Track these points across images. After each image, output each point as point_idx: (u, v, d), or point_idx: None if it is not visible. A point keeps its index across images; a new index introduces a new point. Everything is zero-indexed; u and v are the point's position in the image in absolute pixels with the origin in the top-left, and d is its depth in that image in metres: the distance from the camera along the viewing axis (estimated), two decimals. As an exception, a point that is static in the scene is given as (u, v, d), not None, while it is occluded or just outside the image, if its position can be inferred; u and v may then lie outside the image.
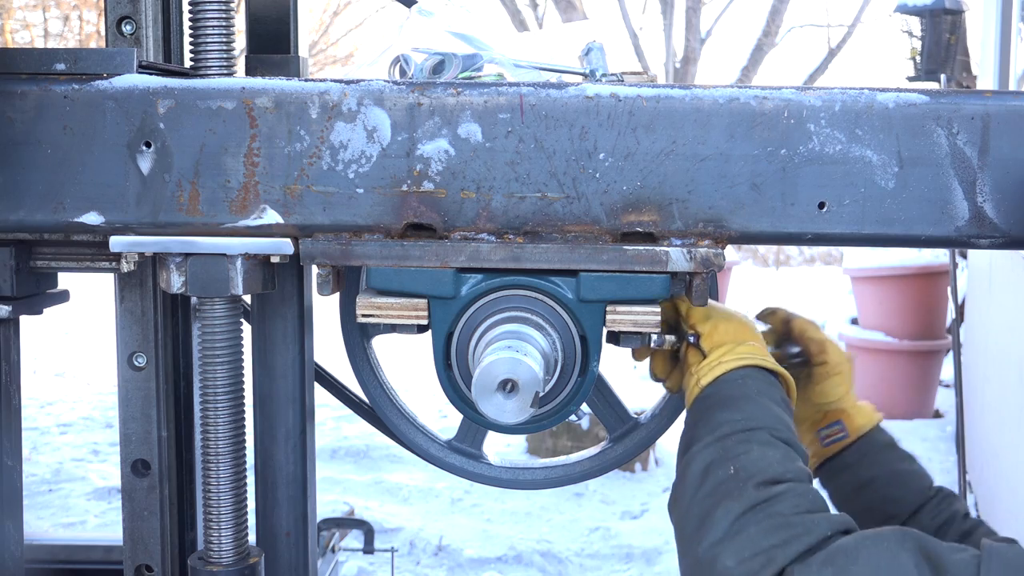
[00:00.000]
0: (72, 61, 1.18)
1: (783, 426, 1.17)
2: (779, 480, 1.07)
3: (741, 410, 1.17)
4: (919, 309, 6.26)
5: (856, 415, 1.40)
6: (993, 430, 4.40)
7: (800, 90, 1.17)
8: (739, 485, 1.07)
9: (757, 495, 1.05)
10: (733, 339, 1.27)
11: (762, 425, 1.14)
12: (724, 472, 1.09)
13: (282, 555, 1.53)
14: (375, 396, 1.47)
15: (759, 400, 1.19)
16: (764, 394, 1.20)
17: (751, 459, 1.10)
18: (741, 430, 1.14)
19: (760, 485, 1.06)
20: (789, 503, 1.04)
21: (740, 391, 1.20)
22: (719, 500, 1.07)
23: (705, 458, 1.13)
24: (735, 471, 1.09)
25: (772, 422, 1.16)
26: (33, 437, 5.96)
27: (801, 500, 1.05)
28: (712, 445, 1.13)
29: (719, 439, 1.14)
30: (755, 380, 1.22)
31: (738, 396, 1.19)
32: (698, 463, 1.13)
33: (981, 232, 1.18)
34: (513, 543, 4.40)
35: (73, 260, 1.31)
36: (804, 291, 12.92)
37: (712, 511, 1.06)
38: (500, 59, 1.37)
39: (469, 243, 1.20)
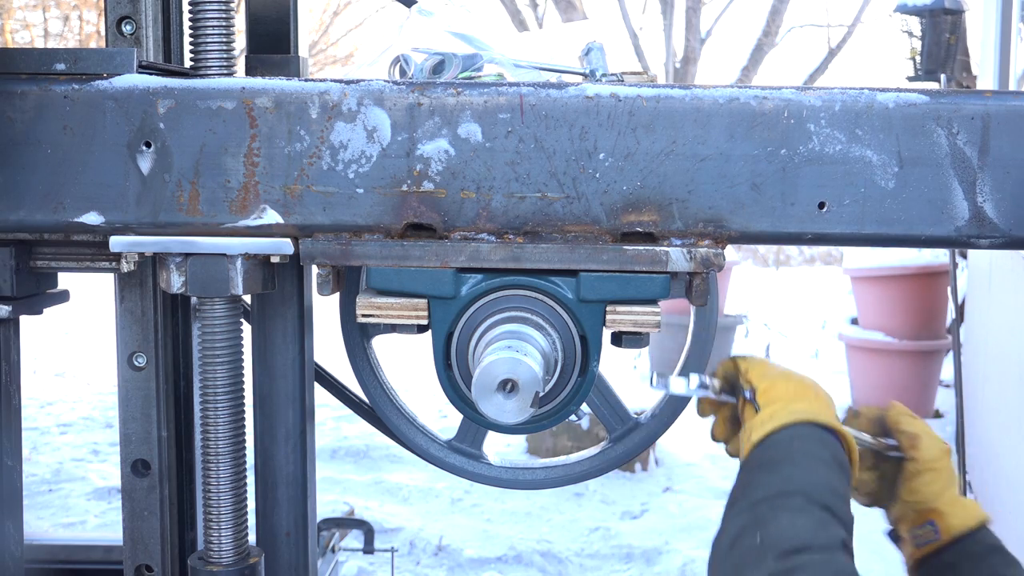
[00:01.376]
0: (72, 61, 1.18)
1: (826, 490, 1.10)
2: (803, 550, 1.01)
3: (779, 472, 1.12)
4: (919, 309, 6.26)
5: (952, 515, 1.29)
6: (993, 430, 4.40)
7: (800, 90, 1.17)
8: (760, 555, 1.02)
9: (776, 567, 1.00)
10: (790, 396, 1.22)
11: (798, 489, 1.09)
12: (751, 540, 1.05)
13: (282, 555, 1.53)
14: (375, 396, 1.47)
15: (804, 462, 1.13)
16: (811, 455, 1.14)
17: (778, 527, 1.05)
18: (776, 495, 1.09)
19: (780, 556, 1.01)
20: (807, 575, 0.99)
21: (785, 452, 1.15)
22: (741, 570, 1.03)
23: (737, 524, 1.09)
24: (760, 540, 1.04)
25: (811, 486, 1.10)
26: (33, 437, 5.96)
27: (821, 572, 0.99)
28: (745, 511, 1.09)
29: (752, 505, 1.09)
30: (804, 440, 1.16)
31: (781, 458, 1.14)
32: (731, 528, 1.09)
33: (981, 232, 1.18)
34: (513, 543, 4.40)
35: (73, 260, 1.31)
36: (804, 291, 12.92)
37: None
38: (500, 59, 1.37)
39: (469, 243, 1.20)
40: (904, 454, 1.33)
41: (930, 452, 1.31)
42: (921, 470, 1.31)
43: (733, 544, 1.07)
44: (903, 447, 1.33)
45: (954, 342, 5.31)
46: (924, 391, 6.42)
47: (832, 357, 7.98)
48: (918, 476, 1.31)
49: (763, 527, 1.05)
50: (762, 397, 1.22)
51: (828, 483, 1.11)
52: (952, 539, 1.29)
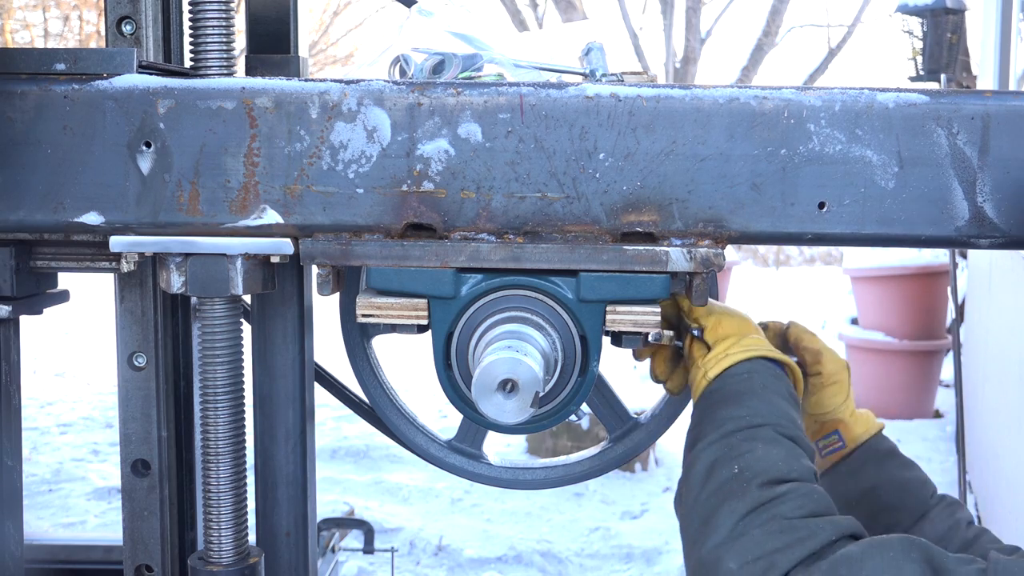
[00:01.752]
0: (72, 61, 1.18)
1: (789, 422, 1.15)
2: (783, 479, 1.06)
3: (746, 406, 1.16)
4: (919, 309, 6.26)
5: (854, 424, 1.38)
6: (993, 430, 4.39)
7: (800, 90, 1.17)
8: (743, 485, 1.06)
9: (761, 495, 1.04)
10: (738, 332, 1.26)
11: (767, 421, 1.13)
12: (728, 471, 1.08)
13: (282, 555, 1.53)
14: (375, 396, 1.47)
15: (765, 395, 1.18)
16: (770, 388, 1.19)
17: (755, 457, 1.09)
18: (746, 427, 1.13)
19: (764, 485, 1.05)
20: (793, 504, 1.03)
21: (746, 386, 1.19)
22: (723, 500, 1.06)
23: (709, 456, 1.12)
24: (739, 470, 1.08)
25: (777, 418, 1.15)
26: (33, 437, 5.96)
27: (806, 501, 1.04)
28: (717, 443, 1.13)
29: (724, 436, 1.13)
30: (761, 374, 1.21)
31: (744, 391, 1.18)
32: (703, 461, 1.12)
33: (981, 232, 1.18)
34: (513, 543, 4.40)
35: (73, 260, 1.31)
36: (804, 291, 12.92)
37: (716, 511, 1.05)
38: (500, 59, 1.36)
39: (469, 243, 1.20)
40: (808, 369, 1.38)
41: (832, 366, 1.38)
42: (825, 383, 1.37)
43: (708, 476, 1.10)
44: (807, 363, 1.39)
45: (954, 342, 5.31)
46: (924, 391, 6.42)
47: (832, 357, 7.97)
48: (822, 389, 1.37)
49: (740, 458, 1.09)
50: (710, 334, 1.27)
51: (790, 415, 1.17)
52: (855, 447, 1.37)
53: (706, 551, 1.03)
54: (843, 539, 1.01)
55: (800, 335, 1.41)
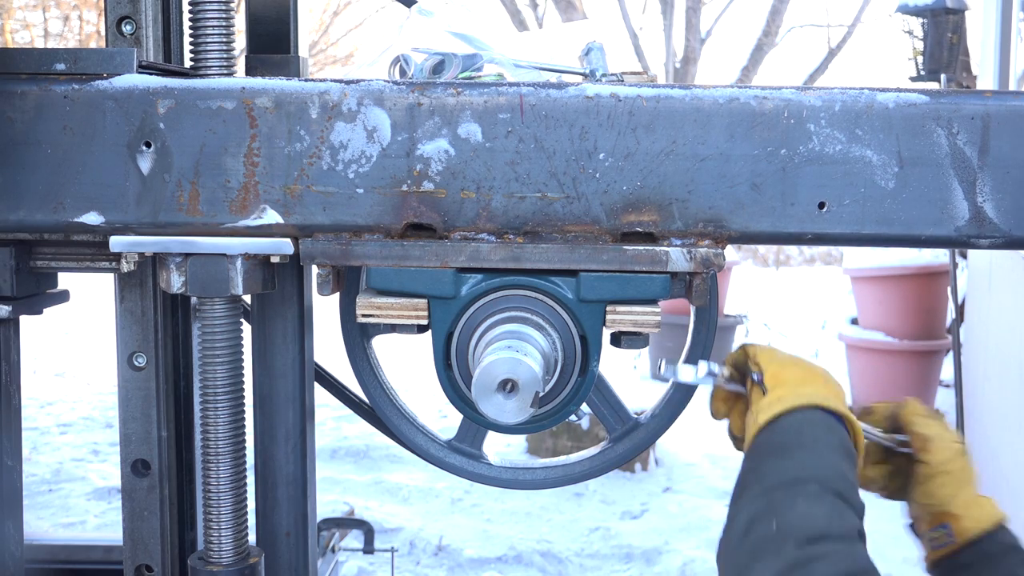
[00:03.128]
0: (72, 61, 1.18)
1: (838, 476, 1.09)
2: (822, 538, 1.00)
3: (793, 458, 1.10)
4: (919, 309, 6.26)
5: (966, 518, 1.26)
6: (993, 430, 4.40)
7: (800, 90, 1.17)
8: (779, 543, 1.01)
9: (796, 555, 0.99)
10: (798, 380, 1.20)
11: (812, 476, 1.07)
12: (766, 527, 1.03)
13: (282, 555, 1.53)
14: (375, 396, 1.47)
15: (816, 448, 1.12)
16: (821, 441, 1.13)
17: (796, 515, 1.03)
18: (790, 482, 1.07)
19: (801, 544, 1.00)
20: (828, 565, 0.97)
21: (795, 438, 1.14)
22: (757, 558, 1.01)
23: (751, 511, 1.07)
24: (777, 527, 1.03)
25: (824, 473, 1.08)
26: (33, 437, 5.96)
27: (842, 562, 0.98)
28: (758, 497, 1.08)
29: (766, 491, 1.08)
30: (813, 425, 1.15)
31: (791, 444, 1.13)
32: (743, 515, 1.07)
33: (981, 232, 1.18)
34: (513, 543, 4.40)
35: (73, 260, 1.31)
36: (804, 291, 12.92)
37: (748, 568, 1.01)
38: (500, 59, 1.36)
39: (469, 243, 1.20)
40: (916, 456, 1.30)
41: (942, 455, 1.28)
42: (934, 473, 1.28)
43: (747, 531, 1.05)
44: (915, 449, 1.30)
45: (954, 342, 5.31)
46: (924, 391, 6.42)
47: (832, 357, 7.98)
48: (931, 479, 1.28)
49: (779, 514, 1.04)
50: (770, 380, 1.21)
51: (839, 470, 1.10)
52: (967, 541, 1.26)
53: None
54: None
55: (912, 418, 1.32)
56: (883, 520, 1.39)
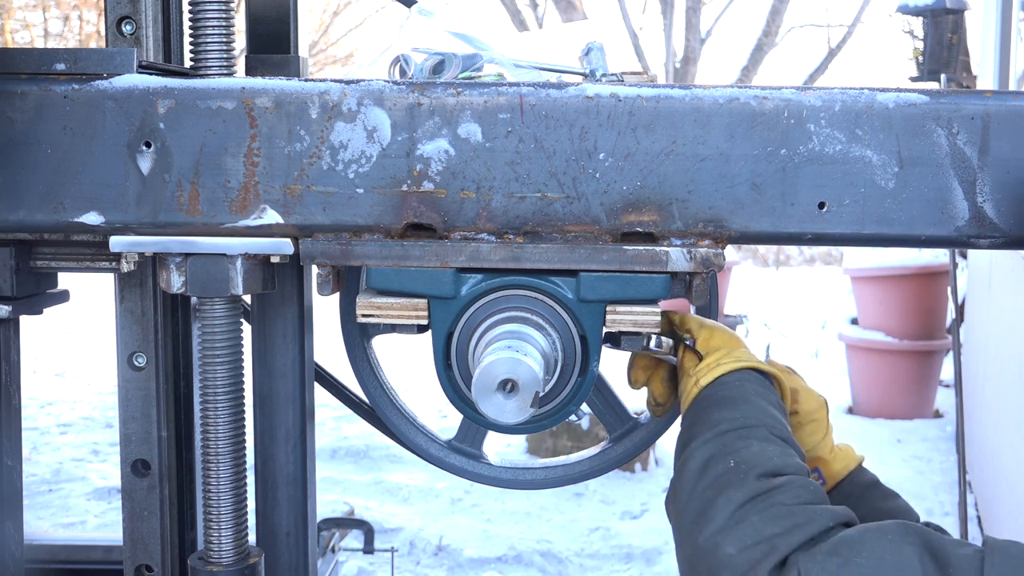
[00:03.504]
0: (72, 61, 1.18)
1: (780, 425, 1.18)
2: (779, 472, 1.08)
3: (739, 409, 1.18)
4: (919, 309, 6.26)
5: (834, 461, 1.38)
6: (993, 430, 4.39)
7: (800, 90, 1.17)
8: (740, 476, 1.08)
9: (758, 485, 1.06)
10: (728, 344, 1.29)
11: (760, 423, 1.16)
12: (724, 465, 1.10)
13: (282, 555, 1.53)
14: (375, 396, 1.47)
15: (756, 401, 1.20)
16: (761, 396, 1.22)
17: (751, 453, 1.11)
18: (740, 427, 1.15)
19: (761, 476, 1.07)
20: (791, 494, 1.05)
21: (738, 392, 1.21)
22: (719, 491, 1.07)
23: (704, 453, 1.13)
24: (735, 464, 1.10)
25: (770, 421, 1.17)
26: (33, 437, 5.96)
27: (802, 491, 1.06)
28: (711, 441, 1.14)
29: (718, 435, 1.15)
30: (752, 383, 1.23)
31: (736, 396, 1.21)
32: (697, 458, 1.14)
33: (981, 232, 1.18)
34: (513, 543, 4.40)
35: (73, 260, 1.31)
36: (804, 291, 12.92)
37: (712, 501, 1.07)
38: (500, 59, 1.36)
39: (469, 243, 1.20)
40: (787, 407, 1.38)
41: (810, 404, 1.37)
42: (803, 422, 1.37)
43: (703, 471, 1.11)
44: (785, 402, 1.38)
45: (954, 342, 5.31)
46: (924, 391, 6.42)
47: (832, 357, 7.98)
48: (801, 428, 1.37)
49: (735, 453, 1.11)
50: (703, 344, 1.29)
51: (780, 420, 1.19)
52: (836, 483, 1.37)
53: (703, 539, 1.04)
54: (840, 526, 1.03)
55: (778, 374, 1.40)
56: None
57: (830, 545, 0.98)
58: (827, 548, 0.98)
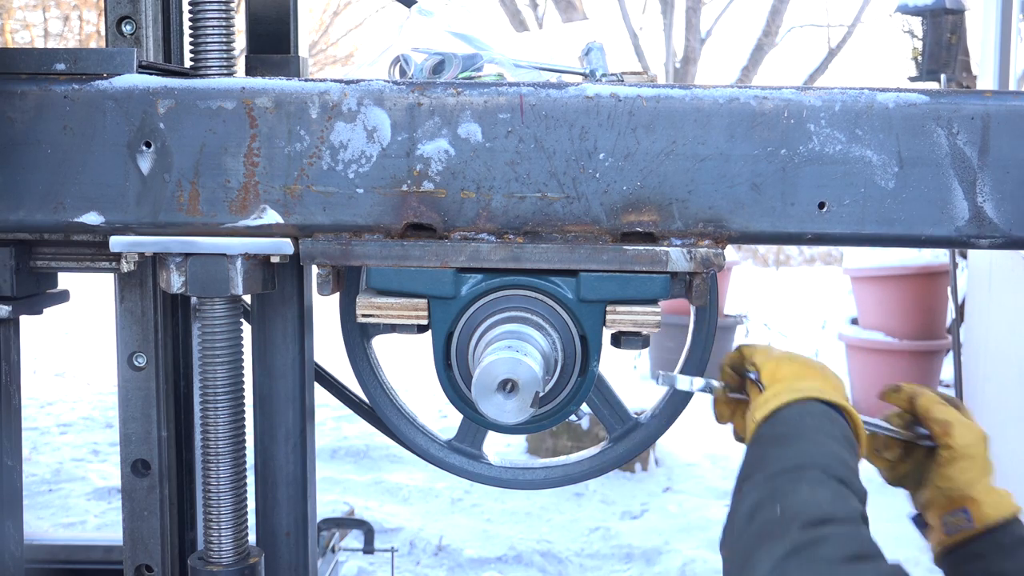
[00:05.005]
0: (72, 61, 1.18)
1: (839, 463, 1.10)
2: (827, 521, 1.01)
3: (794, 447, 1.11)
4: (919, 309, 6.26)
5: (986, 503, 1.27)
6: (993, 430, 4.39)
7: (800, 90, 1.17)
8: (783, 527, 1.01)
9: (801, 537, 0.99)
10: (794, 376, 1.22)
11: (815, 463, 1.08)
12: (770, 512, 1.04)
13: (282, 555, 1.53)
14: (375, 396, 1.47)
15: (816, 437, 1.13)
16: (822, 431, 1.14)
17: (799, 499, 1.04)
18: (792, 468, 1.08)
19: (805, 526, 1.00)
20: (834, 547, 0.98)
21: (796, 428, 1.15)
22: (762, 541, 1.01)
23: (753, 498, 1.08)
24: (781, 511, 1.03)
25: (826, 460, 1.09)
26: (33, 437, 5.96)
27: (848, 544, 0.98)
28: (762, 484, 1.08)
29: (769, 478, 1.09)
30: (813, 417, 1.16)
31: (793, 433, 1.14)
32: (747, 502, 1.08)
33: (981, 232, 1.18)
34: (513, 543, 4.40)
35: (73, 260, 1.31)
36: (804, 291, 12.92)
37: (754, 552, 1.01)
38: (500, 59, 1.36)
39: (469, 243, 1.20)
40: (937, 441, 1.30)
41: (966, 439, 1.29)
42: (956, 457, 1.28)
43: (751, 516, 1.05)
44: (936, 435, 1.30)
45: (954, 342, 5.31)
46: (924, 391, 6.41)
47: (832, 357, 7.98)
48: (953, 463, 1.28)
49: (783, 499, 1.04)
50: (767, 377, 1.22)
51: (840, 457, 1.11)
52: (984, 528, 1.26)
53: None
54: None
55: (929, 404, 1.32)
56: (884, 520, 1.39)
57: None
58: None
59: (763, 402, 1.19)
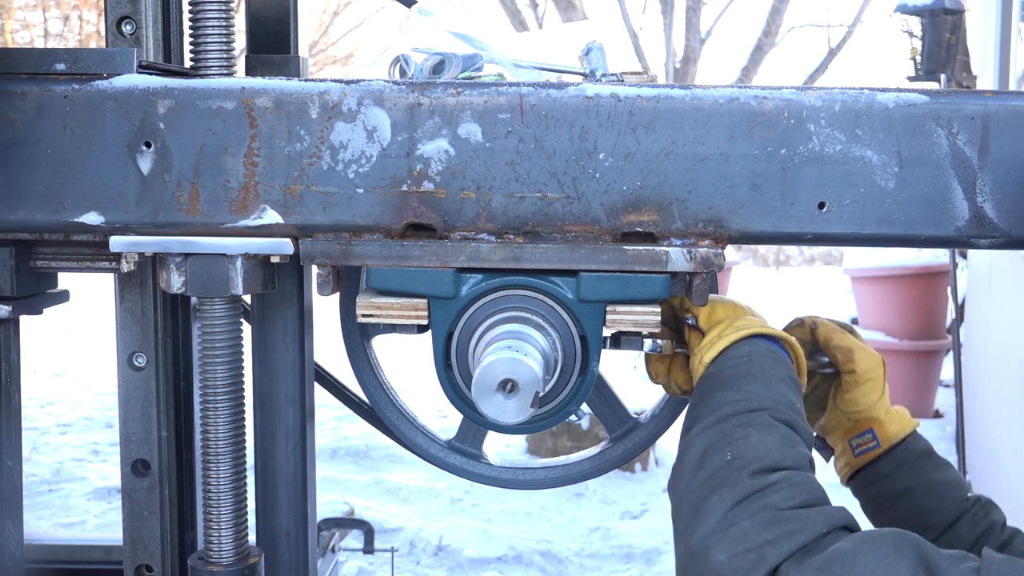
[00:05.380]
0: (72, 61, 1.18)
1: (786, 406, 1.13)
2: (776, 468, 1.04)
3: (743, 390, 1.13)
4: (919, 309, 6.26)
5: (889, 423, 1.34)
6: (993, 430, 4.39)
7: (800, 90, 1.17)
8: (734, 473, 1.03)
9: (752, 484, 1.01)
10: (731, 315, 1.25)
11: (763, 406, 1.11)
12: (720, 458, 1.06)
13: (282, 555, 1.53)
14: (375, 396, 1.47)
15: (763, 378, 1.15)
16: (769, 372, 1.16)
17: (749, 445, 1.06)
18: (741, 411, 1.10)
19: (756, 474, 1.03)
20: (785, 494, 1.01)
21: (744, 369, 1.17)
22: (713, 488, 1.03)
23: (703, 441, 1.09)
24: (731, 457, 1.05)
25: (775, 403, 1.12)
26: (33, 437, 5.96)
27: (798, 491, 1.01)
28: (711, 427, 1.10)
29: (719, 421, 1.10)
30: (761, 357, 1.19)
31: (741, 375, 1.16)
32: (696, 447, 1.10)
33: (981, 232, 1.18)
34: (513, 543, 4.40)
35: (73, 260, 1.31)
36: (804, 291, 12.92)
37: (706, 499, 1.03)
38: (500, 59, 1.36)
39: (469, 243, 1.20)
40: (840, 368, 1.36)
41: (866, 363, 1.34)
42: (859, 381, 1.34)
43: (702, 461, 1.08)
44: (839, 362, 1.36)
45: (954, 342, 5.31)
46: (924, 391, 6.42)
47: (832, 357, 7.96)
48: (856, 387, 1.34)
49: (733, 444, 1.07)
50: (705, 320, 1.26)
51: (788, 400, 1.14)
52: (889, 446, 1.34)
53: (695, 540, 1.01)
54: (835, 531, 0.99)
55: (829, 333, 1.37)
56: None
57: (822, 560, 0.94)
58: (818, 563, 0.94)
59: (708, 344, 1.23)
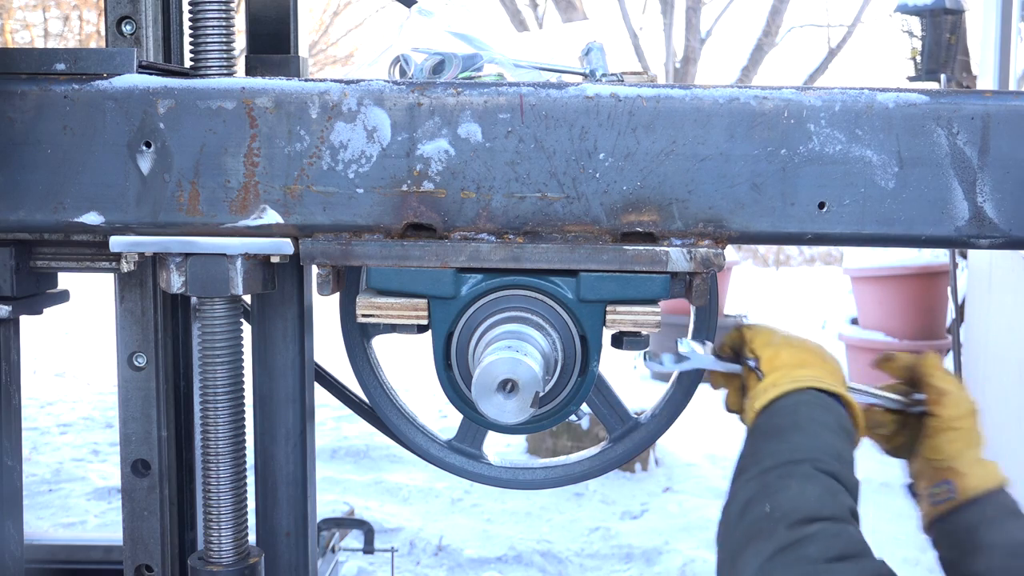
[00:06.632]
0: (72, 61, 1.18)
1: (831, 456, 1.11)
2: (814, 519, 1.02)
3: (787, 440, 1.12)
4: (919, 309, 6.26)
5: (971, 476, 1.26)
6: (993, 430, 4.39)
7: (800, 90, 1.17)
8: (771, 525, 1.03)
9: (787, 537, 1.00)
10: (793, 363, 1.22)
11: (807, 457, 1.09)
12: (760, 510, 1.05)
13: (282, 555, 1.53)
14: (375, 396, 1.47)
15: (810, 428, 1.13)
16: (817, 421, 1.14)
17: (788, 496, 1.05)
18: (784, 463, 1.09)
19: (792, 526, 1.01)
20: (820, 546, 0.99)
21: (791, 419, 1.15)
22: (751, 539, 1.03)
23: (745, 494, 1.09)
24: (770, 509, 1.05)
25: (819, 453, 1.10)
26: (33, 437, 5.96)
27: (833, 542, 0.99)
28: (754, 479, 1.10)
29: (761, 473, 1.10)
30: (809, 406, 1.17)
31: (787, 425, 1.15)
32: (738, 500, 1.09)
33: (981, 232, 1.18)
34: (513, 543, 4.40)
35: (73, 260, 1.31)
36: (804, 291, 12.92)
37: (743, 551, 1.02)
38: (500, 59, 1.36)
39: (469, 243, 1.20)
40: (928, 409, 1.30)
41: (954, 410, 1.27)
42: (943, 428, 1.27)
43: (743, 513, 1.07)
44: (928, 402, 1.30)
45: (954, 342, 5.31)
46: (924, 391, 6.40)
47: (832, 357, 7.96)
48: (940, 434, 1.28)
49: (772, 496, 1.06)
50: (766, 365, 1.23)
51: (834, 449, 1.11)
52: (969, 499, 1.26)
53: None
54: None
55: (931, 371, 1.31)
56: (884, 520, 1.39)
57: None
58: None
59: (761, 391, 1.20)
